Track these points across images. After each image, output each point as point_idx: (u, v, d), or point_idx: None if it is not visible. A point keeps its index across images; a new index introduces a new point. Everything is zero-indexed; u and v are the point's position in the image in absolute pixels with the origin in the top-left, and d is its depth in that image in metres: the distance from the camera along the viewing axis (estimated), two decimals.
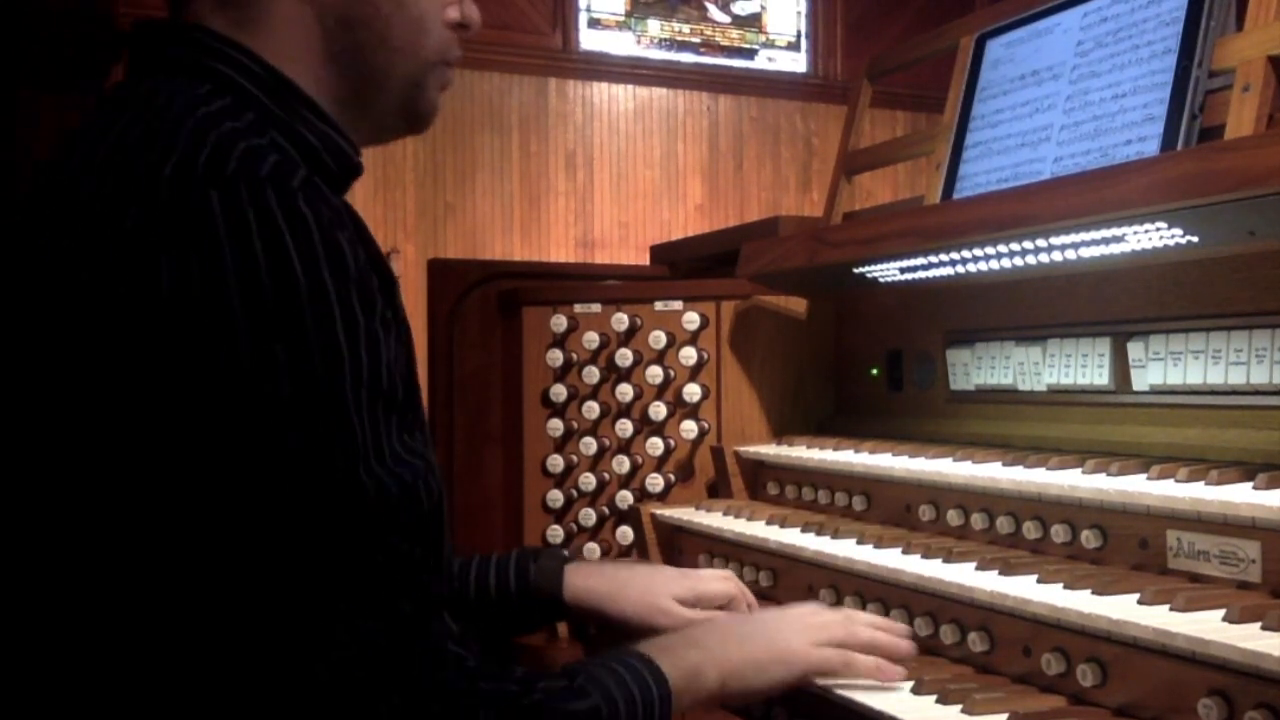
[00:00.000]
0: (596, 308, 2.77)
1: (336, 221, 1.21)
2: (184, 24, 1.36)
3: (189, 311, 1.13)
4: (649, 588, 1.82)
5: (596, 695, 1.33)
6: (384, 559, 1.19)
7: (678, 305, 2.72)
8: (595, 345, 2.75)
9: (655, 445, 2.69)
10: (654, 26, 9.11)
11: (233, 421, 1.14)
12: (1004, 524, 1.89)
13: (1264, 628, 1.35)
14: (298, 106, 1.34)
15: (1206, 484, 1.60)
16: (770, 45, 9.46)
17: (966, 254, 2.04)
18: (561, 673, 1.35)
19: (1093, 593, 1.54)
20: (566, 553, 1.86)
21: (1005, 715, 1.47)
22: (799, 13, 9.52)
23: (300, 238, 1.16)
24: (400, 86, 1.43)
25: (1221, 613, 1.41)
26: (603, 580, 1.83)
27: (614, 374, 2.74)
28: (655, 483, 2.68)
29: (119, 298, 1.14)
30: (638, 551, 2.60)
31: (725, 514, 2.39)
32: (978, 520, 1.94)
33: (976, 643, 1.68)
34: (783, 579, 2.17)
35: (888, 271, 2.29)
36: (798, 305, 2.73)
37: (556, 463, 2.75)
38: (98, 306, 1.15)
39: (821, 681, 1.59)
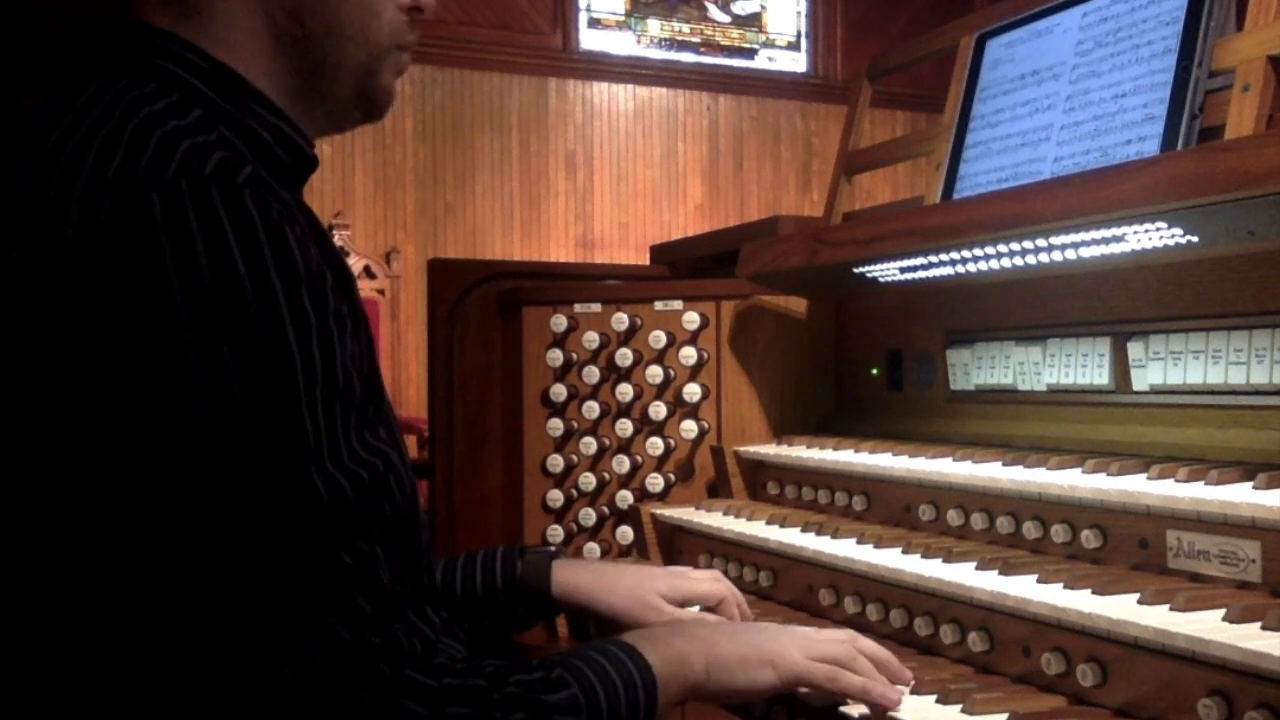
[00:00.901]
0: (596, 308, 2.77)
1: (285, 218, 1.19)
2: (128, 21, 1.34)
3: (134, 320, 1.12)
4: (637, 583, 1.81)
5: (575, 686, 1.30)
6: (344, 559, 1.18)
7: (678, 305, 2.72)
8: (595, 345, 2.75)
9: (655, 445, 2.69)
10: (654, 26, 9.11)
11: (182, 428, 1.13)
12: (1004, 524, 1.89)
13: (1264, 628, 1.35)
14: (247, 100, 1.33)
15: (1206, 484, 1.60)
16: (770, 45, 9.46)
17: (966, 254, 2.04)
18: (539, 664, 1.32)
19: (1093, 593, 1.54)
20: (554, 549, 1.85)
21: (1005, 715, 1.47)
22: (799, 12, 9.53)
23: (245, 237, 1.15)
24: (353, 75, 1.40)
25: (1221, 613, 1.41)
26: (590, 576, 1.82)
27: (614, 374, 2.74)
28: (655, 482, 2.68)
29: (66, 309, 1.13)
30: (638, 551, 2.60)
31: (725, 514, 2.39)
32: (978, 520, 1.94)
33: (976, 643, 1.68)
34: (783, 579, 2.17)
35: (888, 271, 2.29)
36: (798, 305, 2.73)
37: (556, 462, 2.75)
38: (46, 318, 1.14)
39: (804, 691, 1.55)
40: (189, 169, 1.16)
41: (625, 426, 2.72)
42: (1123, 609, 1.47)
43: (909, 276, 2.26)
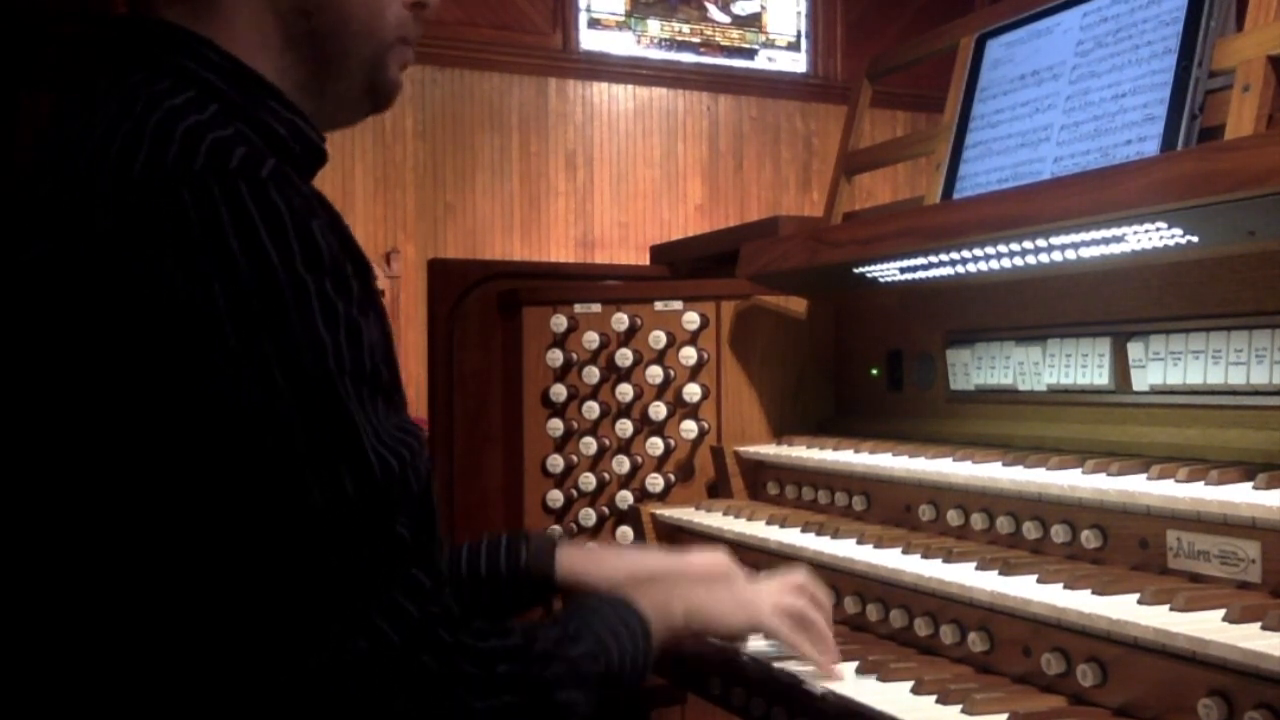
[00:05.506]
0: (596, 308, 2.77)
1: (308, 209, 1.21)
2: (142, 19, 1.35)
3: (172, 314, 1.14)
4: (636, 566, 1.86)
5: (590, 638, 1.40)
6: (401, 532, 1.23)
7: (678, 305, 2.72)
8: (595, 345, 2.75)
9: (655, 445, 2.69)
10: (654, 26, 9.11)
11: (229, 417, 1.15)
12: (1004, 524, 1.89)
13: (1264, 628, 1.35)
14: (262, 95, 1.34)
15: (1206, 484, 1.60)
16: (770, 45, 9.46)
17: (966, 254, 2.04)
18: (553, 622, 1.42)
19: (1093, 593, 1.54)
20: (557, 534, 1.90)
21: (1005, 715, 1.47)
22: (799, 13, 9.53)
23: (274, 230, 1.17)
24: (361, 69, 1.43)
25: (1221, 613, 1.41)
26: (592, 561, 1.88)
27: (614, 374, 2.74)
28: (655, 483, 2.68)
29: (101, 305, 1.14)
30: None
31: (725, 514, 2.39)
32: (978, 520, 1.94)
33: (976, 643, 1.68)
34: None
35: (888, 271, 2.29)
36: (798, 305, 2.73)
37: (556, 463, 2.75)
38: (81, 315, 1.15)
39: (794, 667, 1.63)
40: (215, 164, 1.18)
41: (625, 427, 2.72)
42: (1123, 609, 1.47)
43: (909, 276, 2.26)
